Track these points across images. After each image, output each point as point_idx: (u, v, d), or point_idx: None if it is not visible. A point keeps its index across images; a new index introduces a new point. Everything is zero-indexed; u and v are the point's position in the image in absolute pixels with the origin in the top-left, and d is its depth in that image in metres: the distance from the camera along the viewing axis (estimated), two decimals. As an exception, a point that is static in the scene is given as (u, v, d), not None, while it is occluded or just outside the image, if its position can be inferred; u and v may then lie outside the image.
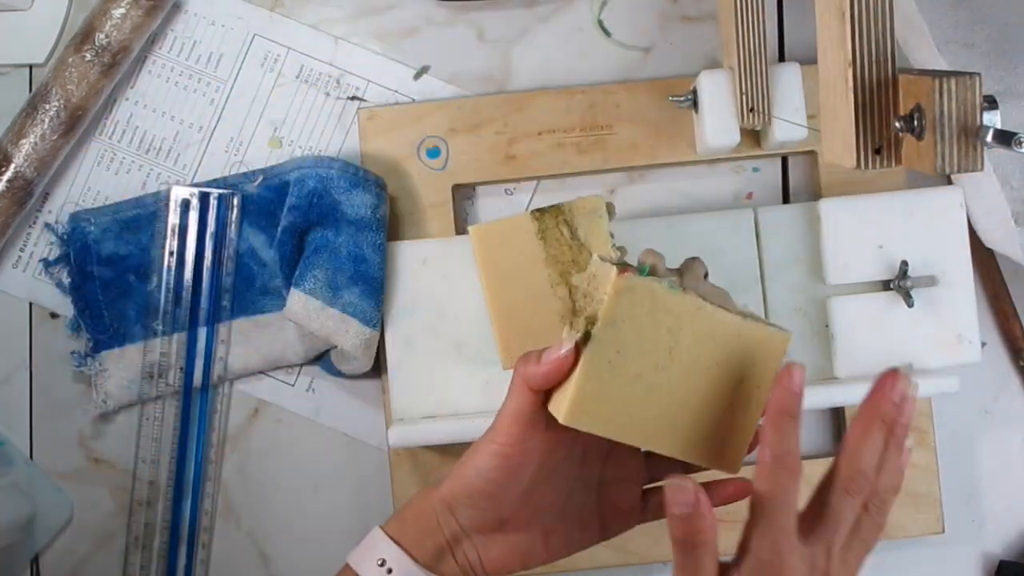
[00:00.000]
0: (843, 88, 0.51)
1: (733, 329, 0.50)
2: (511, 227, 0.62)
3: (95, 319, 0.70)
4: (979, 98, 0.49)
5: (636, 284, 0.48)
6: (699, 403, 0.50)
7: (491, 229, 0.66)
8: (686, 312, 0.49)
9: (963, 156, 0.49)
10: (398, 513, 0.54)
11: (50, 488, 0.71)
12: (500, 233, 0.63)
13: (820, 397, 0.65)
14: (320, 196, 0.68)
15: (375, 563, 0.52)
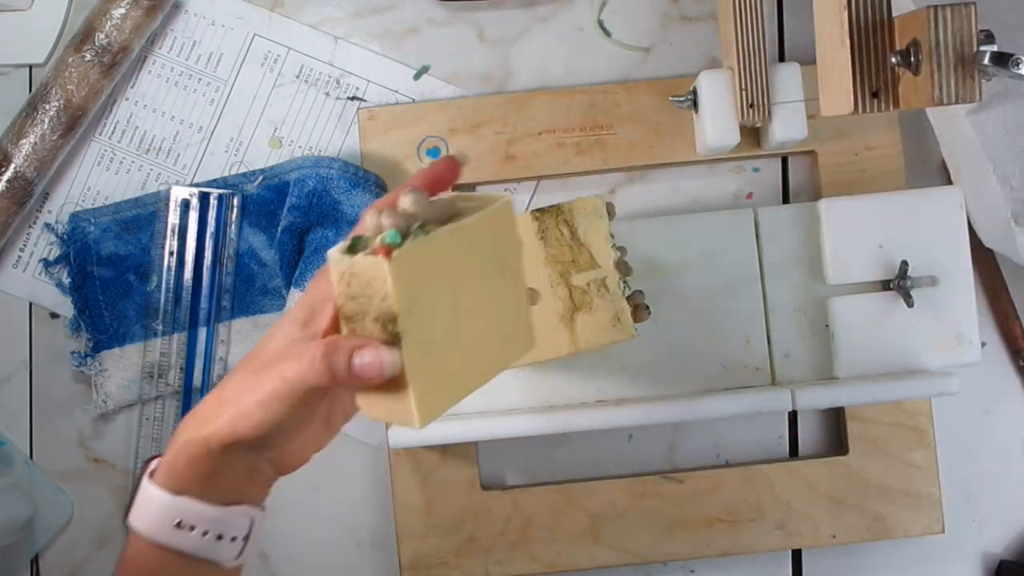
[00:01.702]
0: (839, 33, 0.51)
1: (477, 229, 0.47)
2: (511, 227, 0.62)
3: (95, 319, 0.70)
4: (975, 27, 0.49)
5: (407, 255, 0.43)
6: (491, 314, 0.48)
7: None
8: (446, 247, 0.45)
9: (960, 86, 0.49)
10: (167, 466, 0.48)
11: (50, 488, 0.71)
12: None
13: (820, 397, 0.65)
14: (320, 196, 0.68)
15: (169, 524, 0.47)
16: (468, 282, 0.47)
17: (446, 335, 0.46)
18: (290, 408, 0.46)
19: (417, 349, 0.44)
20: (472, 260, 0.47)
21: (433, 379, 0.45)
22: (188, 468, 0.48)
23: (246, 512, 0.49)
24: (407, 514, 0.70)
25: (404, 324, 0.43)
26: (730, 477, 0.70)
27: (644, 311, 0.62)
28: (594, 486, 0.70)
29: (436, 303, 0.45)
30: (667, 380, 0.68)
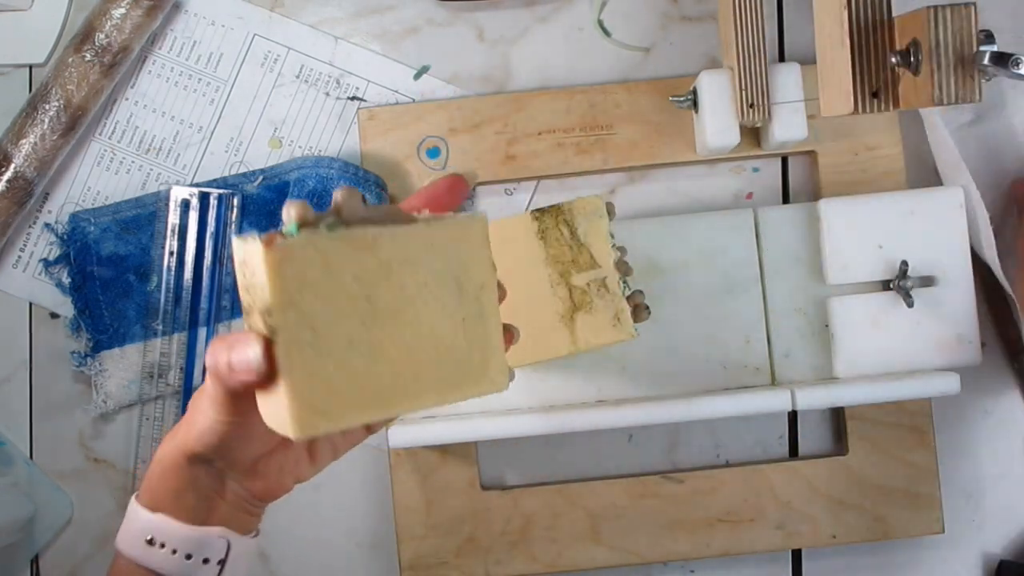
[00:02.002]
0: (839, 33, 0.51)
1: (423, 239, 0.44)
2: (511, 227, 0.62)
3: (95, 319, 0.70)
4: (975, 28, 0.49)
5: (291, 247, 0.40)
6: (433, 335, 0.44)
7: (491, 229, 0.66)
8: (362, 249, 0.42)
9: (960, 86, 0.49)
10: (146, 479, 0.49)
11: (50, 488, 0.71)
12: (500, 233, 0.63)
13: (820, 397, 0.65)
14: (320, 196, 0.68)
15: (144, 543, 0.47)
16: (398, 294, 0.43)
17: (352, 343, 0.42)
18: (224, 416, 0.45)
19: (298, 348, 0.40)
20: (410, 272, 0.43)
21: (323, 387, 0.41)
22: (161, 483, 0.48)
23: (222, 534, 0.48)
24: (407, 514, 0.70)
25: (280, 319, 0.40)
26: (730, 477, 0.70)
27: (644, 311, 0.62)
28: (594, 486, 0.70)
29: (337, 305, 0.41)
30: (667, 380, 0.68)
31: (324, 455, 0.51)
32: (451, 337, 0.45)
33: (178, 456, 0.47)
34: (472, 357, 0.45)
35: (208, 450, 0.47)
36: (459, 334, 0.45)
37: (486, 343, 0.46)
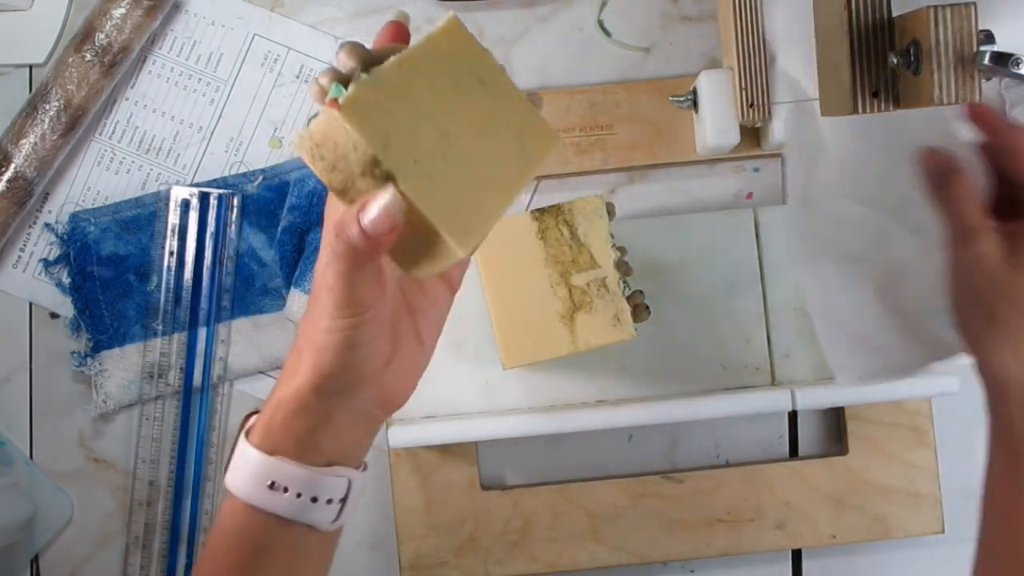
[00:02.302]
0: (839, 34, 0.51)
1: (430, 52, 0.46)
2: (511, 227, 0.62)
3: (95, 319, 0.70)
4: (975, 27, 0.49)
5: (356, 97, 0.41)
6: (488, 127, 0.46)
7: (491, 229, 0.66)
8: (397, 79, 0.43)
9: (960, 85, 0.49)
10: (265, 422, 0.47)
11: (50, 488, 0.71)
12: (500, 233, 0.63)
13: (820, 397, 0.65)
14: (320, 196, 0.68)
15: (266, 488, 0.45)
16: (445, 104, 0.44)
17: (446, 159, 0.43)
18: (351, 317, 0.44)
19: (416, 178, 0.42)
20: (438, 83, 0.45)
21: (452, 202, 0.43)
22: (284, 427, 0.46)
23: (343, 473, 0.47)
24: (407, 514, 0.70)
25: (388, 161, 0.41)
26: (730, 477, 0.70)
27: (644, 311, 0.62)
28: (594, 486, 0.70)
29: (416, 132, 0.43)
30: (667, 380, 0.68)
31: (431, 335, 0.50)
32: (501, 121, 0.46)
33: (303, 395, 0.46)
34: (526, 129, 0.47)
35: (342, 371, 0.45)
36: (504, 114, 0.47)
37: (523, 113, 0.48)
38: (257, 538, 0.46)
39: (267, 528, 0.46)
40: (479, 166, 0.45)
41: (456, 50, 0.47)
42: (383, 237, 0.41)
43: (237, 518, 0.47)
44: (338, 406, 0.47)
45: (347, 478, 0.47)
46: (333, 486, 0.47)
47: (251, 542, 0.46)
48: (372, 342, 0.46)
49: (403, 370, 0.49)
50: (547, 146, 0.48)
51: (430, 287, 0.50)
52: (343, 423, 0.47)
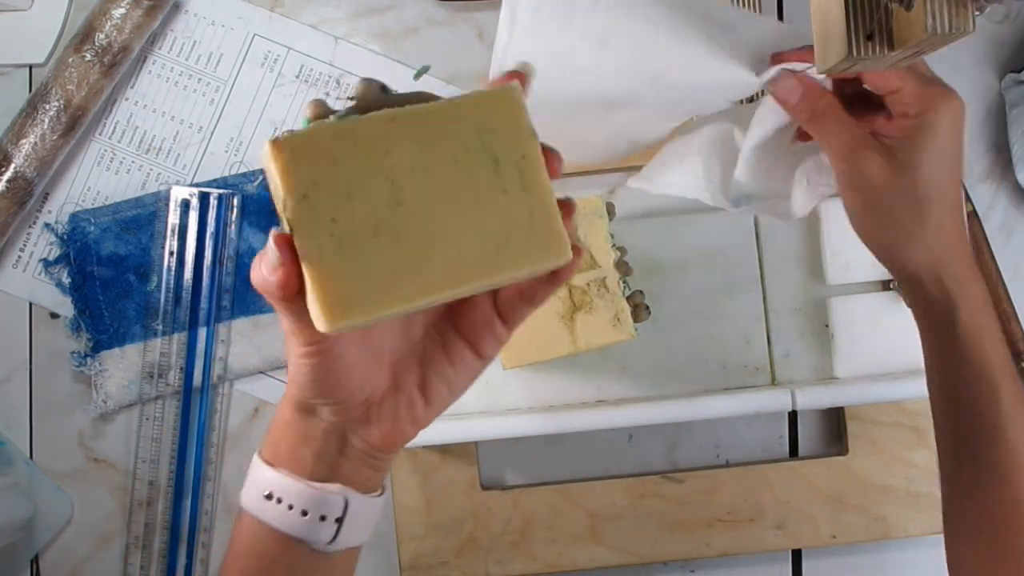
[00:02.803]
0: None
1: (448, 113, 0.42)
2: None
3: (95, 319, 0.70)
4: None
5: (296, 140, 0.39)
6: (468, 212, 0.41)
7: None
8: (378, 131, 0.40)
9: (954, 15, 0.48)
10: (268, 434, 0.48)
11: (50, 488, 0.71)
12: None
13: (820, 397, 0.65)
14: (320, 196, 0.68)
15: (262, 498, 0.46)
16: (426, 173, 0.41)
17: (377, 229, 0.40)
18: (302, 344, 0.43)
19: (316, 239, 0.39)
20: (437, 149, 0.41)
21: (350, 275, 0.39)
22: (280, 439, 0.47)
23: (339, 491, 0.46)
24: (407, 514, 0.70)
25: (293, 212, 0.39)
26: (730, 477, 0.70)
27: (644, 311, 0.62)
28: (594, 486, 0.70)
29: (356, 192, 0.40)
30: (667, 380, 0.68)
31: (439, 394, 0.48)
32: (492, 212, 0.42)
33: (288, 410, 0.46)
34: (521, 229, 0.42)
35: (306, 392, 0.45)
36: (501, 208, 0.42)
37: (535, 212, 0.42)
38: (261, 551, 0.47)
39: (268, 542, 0.46)
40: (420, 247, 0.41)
41: (487, 120, 0.42)
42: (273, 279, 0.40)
43: (243, 529, 0.47)
44: (318, 426, 0.46)
45: (343, 496, 0.46)
46: (328, 503, 0.46)
47: (255, 555, 0.47)
48: (339, 373, 0.45)
49: (394, 412, 0.47)
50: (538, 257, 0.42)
51: (453, 348, 0.48)
52: (327, 444, 0.47)
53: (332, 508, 0.46)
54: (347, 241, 0.39)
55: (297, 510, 0.46)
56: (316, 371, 0.44)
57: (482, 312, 0.47)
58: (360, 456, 0.47)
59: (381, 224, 0.40)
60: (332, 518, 0.46)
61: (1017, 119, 0.71)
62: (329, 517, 0.46)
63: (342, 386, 0.45)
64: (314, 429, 0.46)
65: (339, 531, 0.47)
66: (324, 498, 0.46)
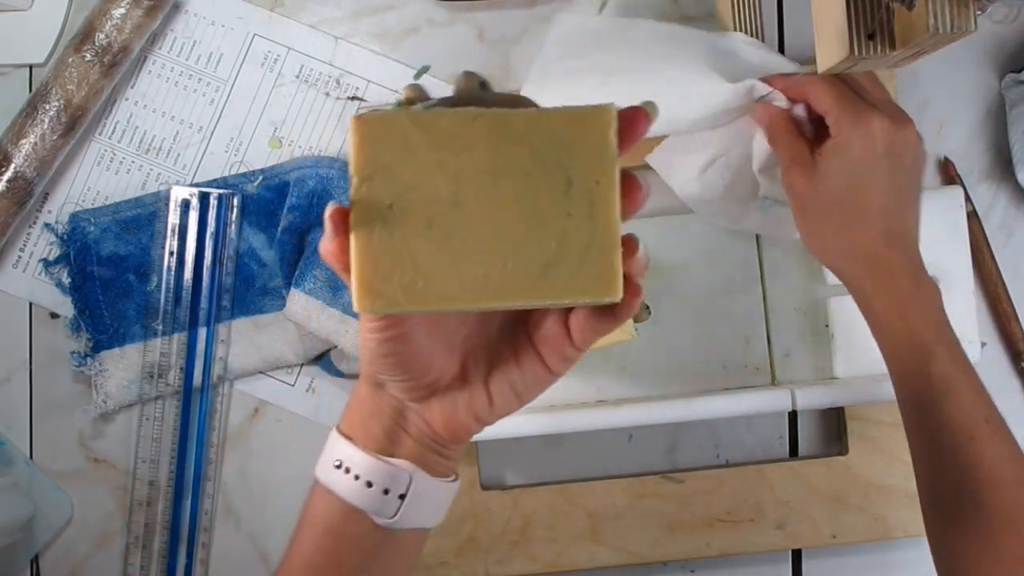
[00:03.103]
0: None
1: (533, 125, 0.40)
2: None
3: (95, 319, 0.70)
4: None
5: (376, 120, 0.39)
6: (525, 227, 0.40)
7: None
8: (458, 129, 0.40)
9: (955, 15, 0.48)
10: (346, 409, 0.49)
11: (50, 488, 0.71)
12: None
13: (820, 397, 0.65)
14: (320, 196, 0.68)
15: (333, 467, 0.47)
16: (490, 180, 0.40)
17: (432, 224, 0.40)
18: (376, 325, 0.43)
19: (368, 220, 0.39)
20: (511, 159, 0.40)
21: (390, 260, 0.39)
22: (354, 411, 0.48)
23: (404, 467, 0.47)
24: (407, 514, 0.69)
25: (357, 189, 0.39)
26: (730, 477, 0.70)
27: (644, 311, 0.62)
28: (594, 486, 0.70)
29: (420, 183, 0.40)
30: (667, 380, 0.68)
31: (504, 395, 0.48)
32: (551, 232, 0.40)
33: (362, 383, 0.47)
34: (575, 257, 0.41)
35: (374, 366, 0.45)
36: (561, 230, 0.40)
37: (594, 244, 0.41)
38: (327, 520, 0.48)
39: (335, 512, 0.47)
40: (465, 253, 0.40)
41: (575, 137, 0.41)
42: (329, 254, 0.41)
43: (314, 499, 0.48)
44: (387, 402, 0.47)
45: (408, 473, 0.47)
46: (390, 475, 0.47)
47: (323, 525, 0.48)
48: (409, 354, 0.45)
49: (457, 407, 0.47)
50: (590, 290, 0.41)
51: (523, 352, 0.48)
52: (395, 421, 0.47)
53: (396, 483, 0.47)
54: (398, 230, 0.39)
55: (363, 481, 0.46)
56: (383, 346, 0.44)
57: (553, 325, 0.46)
58: (424, 439, 0.48)
59: (436, 220, 0.40)
60: (395, 493, 0.47)
61: (1017, 119, 0.71)
62: (392, 492, 0.47)
63: (408, 364, 0.45)
64: (383, 404, 0.47)
65: (401, 507, 0.47)
66: (389, 471, 0.46)
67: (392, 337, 0.44)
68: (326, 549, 0.48)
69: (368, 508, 0.47)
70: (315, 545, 0.48)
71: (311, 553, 0.48)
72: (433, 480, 0.48)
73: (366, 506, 0.47)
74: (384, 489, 0.47)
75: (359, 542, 0.48)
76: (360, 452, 0.47)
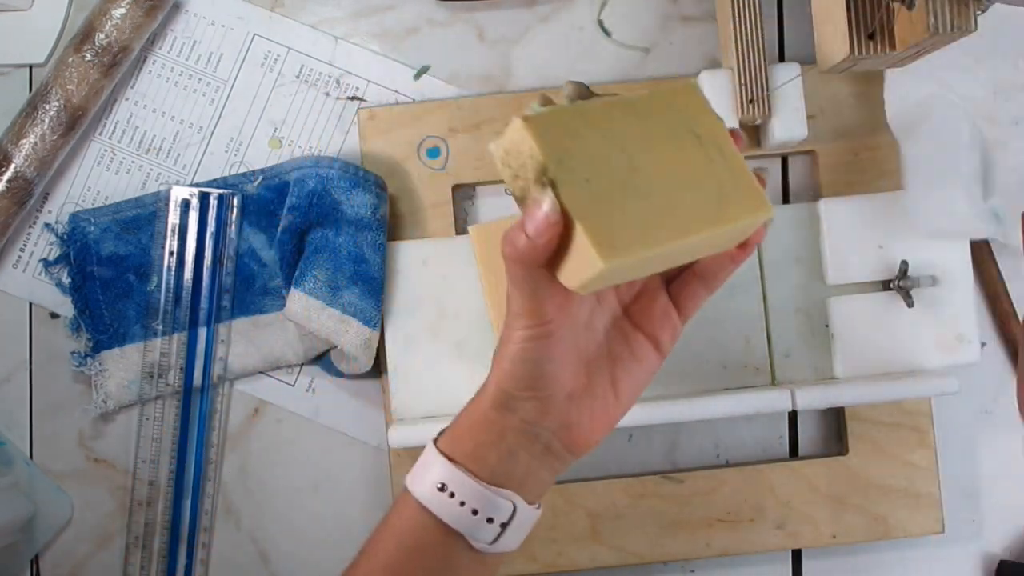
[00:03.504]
0: None
1: (648, 102, 0.49)
2: (509, 227, 0.62)
3: (95, 319, 0.70)
4: None
5: (544, 114, 0.46)
6: (689, 175, 0.47)
7: (491, 229, 0.66)
8: (602, 113, 0.47)
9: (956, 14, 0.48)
10: (451, 428, 0.50)
11: (50, 488, 0.71)
12: (500, 233, 0.63)
13: (820, 397, 0.65)
14: (320, 196, 0.68)
15: (435, 489, 0.48)
16: (647, 143, 0.47)
17: (624, 187, 0.46)
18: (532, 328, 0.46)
19: (578, 189, 0.44)
20: (648, 126, 0.48)
21: (608, 217, 0.44)
22: (468, 435, 0.49)
23: (510, 496, 0.48)
24: (407, 514, 0.69)
25: (555, 171, 0.44)
26: (730, 477, 0.70)
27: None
28: (594, 486, 0.70)
29: (601, 159, 0.46)
30: (667, 380, 0.68)
31: (628, 390, 0.51)
32: (706, 174, 0.48)
33: (487, 406, 0.48)
34: (731, 188, 0.48)
35: (519, 382, 0.47)
36: (711, 171, 0.48)
37: (738, 177, 0.48)
38: (420, 538, 0.48)
39: (430, 530, 0.48)
40: (660, 202, 0.46)
41: (681, 107, 0.49)
42: (541, 239, 0.44)
43: (404, 514, 0.49)
44: (514, 425, 0.48)
45: (512, 503, 0.48)
46: (497, 505, 0.48)
47: (413, 540, 0.48)
48: (555, 362, 0.47)
49: (590, 411, 0.50)
50: (751, 211, 0.48)
51: (635, 343, 0.52)
52: (518, 445, 0.48)
53: (502, 512, 0.48)
54: (603, 196, 0.45)
55: (468, 508, 0.47)
56: (536, 353, 0.47)
57: (659, 303, 0.52)
58: (546, 458, 0.49)
59: (626, 184, 0.46)
60: (499, 522, 0.48)
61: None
62: (496, 520, 0.48)
63: (554, 376, 0.47)
64: (507, 428, 0.48)
65: (501, 535, 0.48)
66: (496, 502, 0.48)
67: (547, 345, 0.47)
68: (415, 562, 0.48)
69: (468, 533, 0.48)
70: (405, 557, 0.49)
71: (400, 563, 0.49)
72: (530, 509, 0.49)
73: (466, 531, 0.48)
74: (488, 518, 0.48)
75: (450, 561, 0.49)
76: (469, 479, 0.47)
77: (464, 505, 0.47)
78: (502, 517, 0.48)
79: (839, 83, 0.71)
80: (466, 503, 0.47)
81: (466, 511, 0.47)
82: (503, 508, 0.48)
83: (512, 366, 0.47)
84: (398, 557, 0.49)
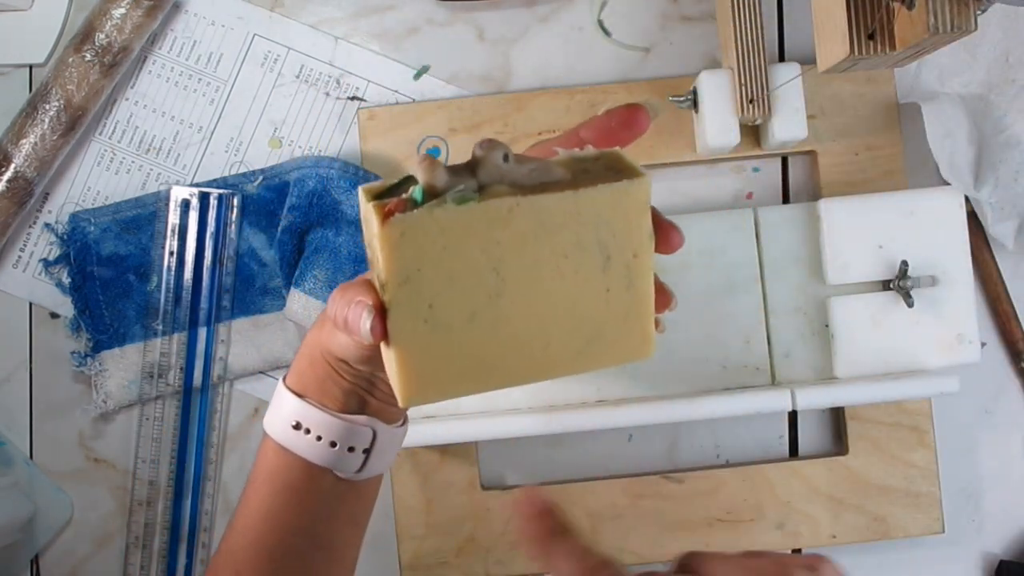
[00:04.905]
0: None
1: (569, 208, 0.39)
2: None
3: (95, 319, 0.70)
4: None
5: (409, 223, 0.38)
6: (568, 307, 0.41)
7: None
8: (495, 222, 0.38)
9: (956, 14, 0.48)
10: (295, 364, 0.48)
11: (50, 488, 0.71)
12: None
13: (820, 397, 0.65)
14: (320, 196, 0.68)
15: (290, 428, 0.46)
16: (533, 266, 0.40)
17: (475, 317, 0.39)
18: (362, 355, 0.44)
19: (411, 325, 0.39)
20: (549, 243, 0.40)
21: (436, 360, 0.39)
22: (309, 370, 0.48)
23: (367, 423, 0.47)
24: (407, 514, 0.70)
25: (393, 295, 0.38)
26: (730, 477, 0.70)
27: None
28: (594, 486, 0.70)
29: (460, 279, 0.39)
30: (667, 380, 0.68)
31: None
32: (590, 309, 0.41)
33: (321, 351, 0.47)
34: (613, 327, 0.42)
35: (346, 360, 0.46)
36: (600, 305, 0.41)
37: (631, 313, 0.42)
38: (286, 478, 0.48)
39: (295, 470, 0.47)
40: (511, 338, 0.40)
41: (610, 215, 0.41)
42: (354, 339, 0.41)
43: (268, 456, 0.48)
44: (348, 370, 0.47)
45: (372, 428, 0.47)
46: (356, 435, 0.47)
47: (280, 481, 0.48)
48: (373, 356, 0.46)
49: None
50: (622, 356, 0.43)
51: None
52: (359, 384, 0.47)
53: (361, 440, 0.47)
54: (440, 327, 0.39)
55: (326, 441, 0.47)
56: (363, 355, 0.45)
57: None
58: (387, 396, 0.48)
59: (478, 313, 0.39)
60: (360, 449, 0.47)
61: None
62: (357, 448, 0.47)
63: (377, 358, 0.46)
64: (345, 371, 0.47)
65: (367, 461, 0.48)
66: (353, 430, 0.47)
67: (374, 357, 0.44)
68: (289, 502, 0.48)
69: (332, 465, 0.47)
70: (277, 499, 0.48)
71: (273, 507, 0.48)
72: (391, 429, 0.48)
73: (330, 464, 0.47)
74: (349, 447, 0.47)
75: (322, 495, 0.48)
76: (321, 412, 0.47)
77: (321, 440, 0.46)
78: (364, 444, 0.47)
79: (839, 83, 0.71)
80: (323, 437, 0.46)
81: (324, 445, 0.46)
82: (362, 435, 0.47)
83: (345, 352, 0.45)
84: (272, 501, 0.48)
